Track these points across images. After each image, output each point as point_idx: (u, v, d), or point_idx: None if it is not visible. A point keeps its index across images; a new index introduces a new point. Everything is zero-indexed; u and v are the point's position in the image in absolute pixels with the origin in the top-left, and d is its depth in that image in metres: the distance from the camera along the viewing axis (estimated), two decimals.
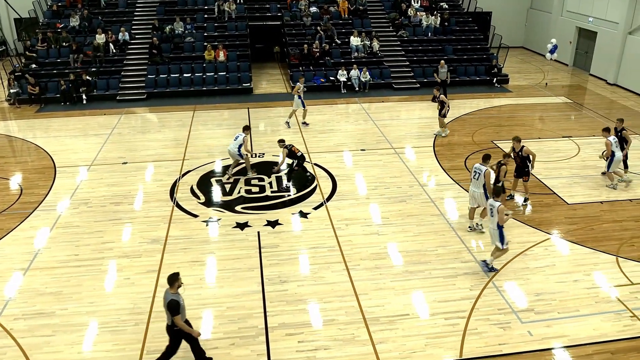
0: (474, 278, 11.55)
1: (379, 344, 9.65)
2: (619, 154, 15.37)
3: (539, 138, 19.68)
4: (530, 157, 14.34)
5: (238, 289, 11.15)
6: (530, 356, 9.46)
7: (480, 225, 13.49)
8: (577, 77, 29.27)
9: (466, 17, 31.22)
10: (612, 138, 15.26)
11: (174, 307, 8.38)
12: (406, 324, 10.14)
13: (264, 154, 17.97)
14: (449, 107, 19.73)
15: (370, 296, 10.92)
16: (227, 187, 15.64)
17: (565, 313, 10.54)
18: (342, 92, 25.06)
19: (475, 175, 13.08)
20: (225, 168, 16.84)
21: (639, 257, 12.44)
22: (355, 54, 26.98)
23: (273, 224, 13.70)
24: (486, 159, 13.19)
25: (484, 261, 11.88)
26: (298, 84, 20.56)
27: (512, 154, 14.41)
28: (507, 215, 11.38)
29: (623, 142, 15.83)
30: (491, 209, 11.45)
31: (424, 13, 29.45)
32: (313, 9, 29.07)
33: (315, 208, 14.52)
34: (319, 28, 27.53)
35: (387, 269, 11.85)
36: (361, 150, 18.35)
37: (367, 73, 25.37)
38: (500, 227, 11.37)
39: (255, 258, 12.21)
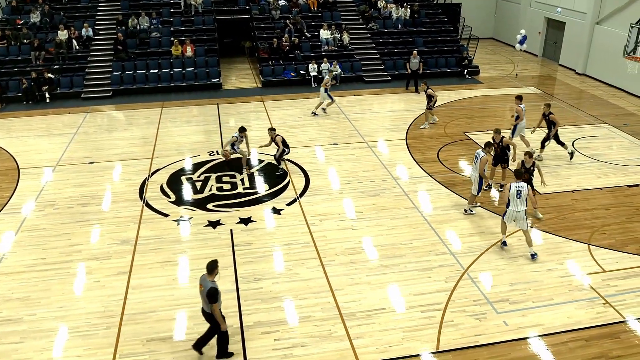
0: (449, 270, 11.70)
1: (356, 339, 9.72)
2: (523, 122, 17.14)
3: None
4: (511, 147, 14.92)
5: None
6: (506, 346, 9.64)
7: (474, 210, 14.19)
8: (546, 68, 29.77)
9: (436, 8, 31.48)
10: (523, 106, 16.70)
11: (213, 294, 8.53)
12: (383, 318, 10.23)
13: (235, 150, 17.86)
14: (436, 100, 20.06)
15: (346, 291, 10.98)
16: (198, 185, 15.54)
17: (540, 302, 10.76)
18: (313, 86, 25.05)
19: (475, 160, 13.72)
20: (196, 165, 16.72)
21: (610, 244, 12.76)
22: (326, 47, 26.99)
23: (246, 221, 13.66)
24: (487, 145, 13.77)
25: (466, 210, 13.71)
26: (327, 77, 21.30)
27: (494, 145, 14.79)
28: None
29: (551, 125, 16.88)
30: (476, 157, 12.86)
31: (394, 5, 29.59)
32: (282, 2, 28.98)
33: (289, 204, 14.52)
34: (288, 21, 27.46)
35: (362, 263, 11.93)
36: (333, 144, 18.39)
37: (338, 66, 25.41)
38: (480, 177, 12.75)
39: (229, 256, 12.17)
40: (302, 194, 15.00)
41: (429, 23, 30.01)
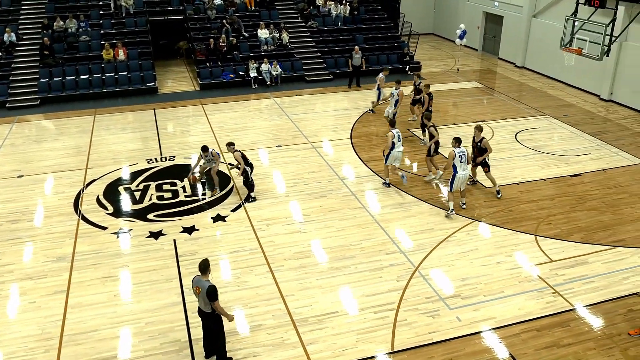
0: (400, 269, 11.87)
1: (310, 344, 9.73)
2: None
3: (454, 124, 20.46)
4: (488, 150, 14.62)
5: (157, 302, 10.87)
6: (460, 341, 9.85)
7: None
8: (486, 62, 30.63)
9: (375, 5, 31.88)
10: (396, 131, 15.34)
11: (213, 292, 8.62)
12: (335, 322, 10.27)
13: (174, 157, 17.58)
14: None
15: (297, 297, 10.98)
16: (137, 194, 15.20)
17: (491, 295, 11.05)
18: (254, 87, 24.94)
19: (462, 158, 13.73)
20: (134, 174, 16.34)
21: (556, 234, 13.25)
22: (265, 47, 26.91)
23: (189, 230, 13.45)
24: (456, 140, 13.93)
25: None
26: (381, 75, 21.23)
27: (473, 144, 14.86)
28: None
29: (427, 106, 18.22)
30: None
31: (333, 2, 29.81)
32: (217, 2, 28.70)
33: (233, 210, 14.39)
34: (224, 21, 27.23)
35: (312, 267, 11.95)
36: (277, 146, 18.36)
37: (278, 66, 25.38)
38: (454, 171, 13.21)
39: (173, 268, 11.96)
40: (247, 199, 14.88)
41: (369, 20, 30.38)
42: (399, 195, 15.11)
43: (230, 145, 14.96)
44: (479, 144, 14.63)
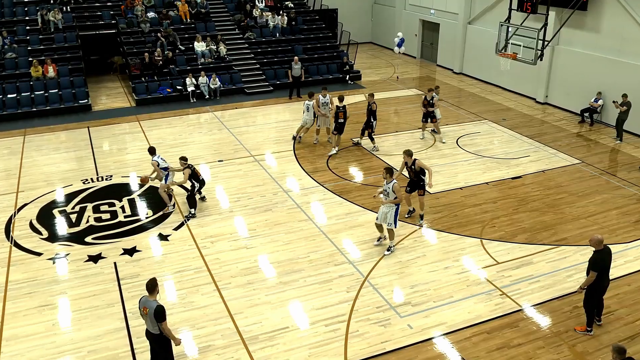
0: (350, 280, 11.92)
1: None
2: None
3: (396, 132, 20.80)
4: (426, 172, 13.79)
5: (99, 329, 10.54)
6: (413, 349, 9.96)
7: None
8: (425, 69, 31.34)
9: (313, 15, 32.17)
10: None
11: (161, 312, 8.50)
12: (287, 338, 10.21)
13: (111, 176, 17.17)
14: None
15: (246, 314, 10.86)
16: (73, 217, 14.73)
17: (441, 301, 11.23)
18: (192, 101, 24.66)
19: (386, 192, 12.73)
20: (69, 196, 15.85)
21: (501, 236, 13.62)
22: (202, 59, 26.69)
23: (130, 251, 13.13)
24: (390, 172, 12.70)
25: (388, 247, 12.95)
26: (436, 96, 19.74)
27: (405, 169, 14.10)
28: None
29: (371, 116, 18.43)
30: (386, 190, 12.42)
31: (270, 13, 29.86)
32: (151, 15, 28.31)
33: (176, 228, 14.14)
34: (159, 34, 26.87)
35: (260, 283, 11.86)
36: (219, 161, 18.18)
37: (217, 79, 25.21)
38: (396, 206, 12.43)
39: (115, 292, 11.63)
40: (189, 217, 14.66)
41: (307, 30, 30.60)
42: (345, 205, 15.20)
43: (182, 159, 14.70)
44: (412, 166, 13.82)
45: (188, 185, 14.59)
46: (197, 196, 15.03)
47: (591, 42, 22.13)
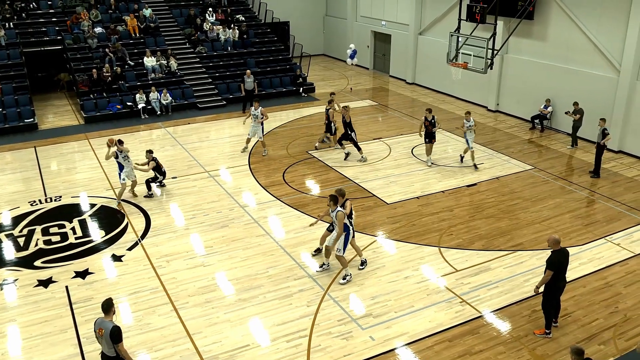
0: (310, 293, 11.88)
1: None
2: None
3: None
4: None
5: (51, 356, 10.19)
6: None
7: None
8: (378, 80, 31.71)
9: (264, 28, 32.21)
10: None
11: (117, 334, 8.35)
12: (248, 356, 10.09)
13: (60, 197, 16.73)
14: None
15: (205, 334, 10.69)
16: (21, 240, 14.28)
17: (402, 311, 11.30)
18: (143, 117, 24.31)
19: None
20: (16, 219, 15.36)
21: (458, 244, 13.81)
22: (152, 75, 26.38)
23: (83, 274, 12.79)
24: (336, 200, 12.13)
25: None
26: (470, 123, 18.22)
27: None
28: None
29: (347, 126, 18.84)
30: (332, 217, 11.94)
31: (221, 27, 29.78)
32: (98, 30, 27.86)
33: (130, 249, 13.85)
34: (107, 50, 26.45)
35: (218, 301, 11.70)
36: (172, 178, 17.93)
37: (168, 94, 24.94)
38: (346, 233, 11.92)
39: (67, 317, 11.29)
40: (143, 236, 14.40)
41: (259, 43, 30.61)
42: (303, 218, 15.18)
43: (149, 152, 16.64)
44: (432, 121, 15.92)
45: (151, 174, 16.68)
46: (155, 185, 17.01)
47: (539, 51, 22.82)
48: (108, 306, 8.55)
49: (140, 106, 24.41)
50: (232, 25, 30.17)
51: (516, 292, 11.90)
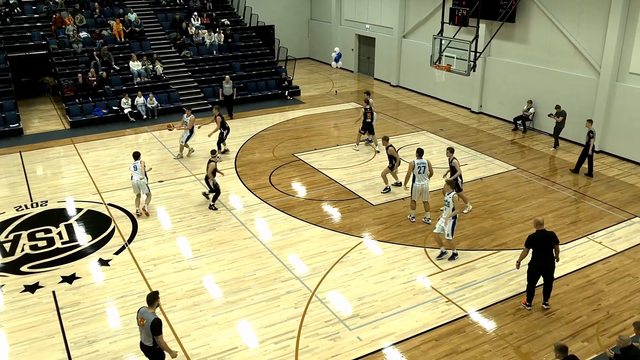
0: (297, 295, 11.87)
1: None
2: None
3: (337, 145, 20.96)
4: (457, 171, 15.08)
5: None
6: None
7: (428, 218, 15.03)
8: (363, 83, 31.78)
9: (250, 31, 32.17)
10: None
11: (158, 325, 8.59)
12: (236, 358, 10.07)
13: (46, 202, 16.58)
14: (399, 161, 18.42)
15: (193, 337, 10.65)
16: (7, 246, 14.13)
17: (388, 311, 11.32)
18: (130, 121, 24.18)
19: (420, 170, 14.48)
20: (2, 224, 15.19)
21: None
22: (138, 79, 26.24)
23: (70, 279, 12.68)
24: (422, 153, 14.82)
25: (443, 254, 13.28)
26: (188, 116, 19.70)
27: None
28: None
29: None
30: (447, 201, 12.76)
31: (206, 31, 29.70)
32: (83, 34, 27.65)
33: (117, 253, 13.76)
34: (94, 54, 26.27)
35: (206, 304, 11.66)
36: (159, 181, 17.84)
37: (154, 98, 24.81)
38: (454, 218, 12.69)
39: (55, 322, 11.18)
40: (130, 240, 14.31)
41: (245, 47, 30.57)
42: (290, 220, 15.18)
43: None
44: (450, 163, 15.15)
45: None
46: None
47: (521, 53, 23.00)
48: (153, 298, 8.85)
49: (126, 110, 24.27)
50: (217, 29, 30.10)
51: (501, 291, 11.98)
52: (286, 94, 28.07)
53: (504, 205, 16.11)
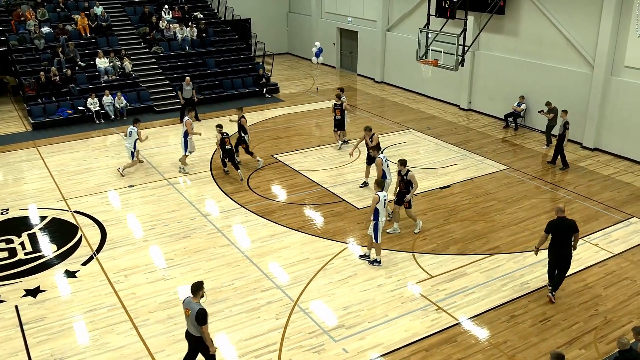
0: (279, 305, 11.85)
1: None
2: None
3: (319, 145, 20.98)
4: (414, 185, 14.27)
5: None
6: None
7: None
8: (346, 79, 31.87)
9: (224, 25, 32.11)
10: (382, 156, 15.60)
11: (203, 316, 8.91)
12: None
13: (7, 209, 16.39)
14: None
15: (168, 352, 10.58)
16: None
17: (376, 321, 11.34)
18: (97, 122, 23.99)
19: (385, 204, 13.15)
20: None
21: (433, 249, 13.94)
22: (105, 77, 26.05)
23: (34, 292, 12.54)
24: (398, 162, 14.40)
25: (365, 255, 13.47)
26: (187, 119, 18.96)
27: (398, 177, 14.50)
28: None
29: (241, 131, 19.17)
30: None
31: (178, 25, 29.57)
32: (46, 30, 27.39)
33: (84, 263, 13.63)
34: (57, 51, 26.03)
35: (181, 316, 11.55)
36: (129, 186, 17.73)
37: (122, 97, 24.65)
38: (375, 220, 12.71)
39: (18, 339, 11.04)
40: (99, 249, 14.19)
41: (219, 42, 30.49)
42: (270, 226, 15.15)
43: (218, 126, 18.36)
44: (405, 177, 14.26)
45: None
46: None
47: (511, 46, 23.22)
48: (197, 288, 9.15)
49: (93, 110, 24.07)
50: (189, 24, 29.97)
51: (493, 298, 12.06)
52: (264, 91, 28.03)
53: (496, 206, 16.24)
